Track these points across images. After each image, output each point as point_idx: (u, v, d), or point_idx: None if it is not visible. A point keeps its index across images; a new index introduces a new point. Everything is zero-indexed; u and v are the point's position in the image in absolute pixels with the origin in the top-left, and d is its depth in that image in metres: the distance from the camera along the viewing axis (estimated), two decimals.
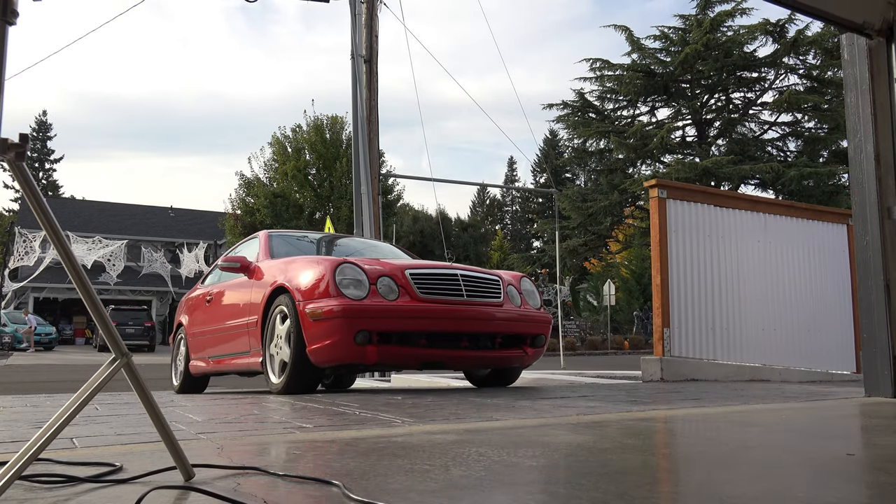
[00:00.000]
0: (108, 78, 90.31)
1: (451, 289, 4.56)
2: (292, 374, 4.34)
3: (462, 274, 4.68)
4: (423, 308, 4.38)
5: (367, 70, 10.63)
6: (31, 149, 49.55)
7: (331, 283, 4.23)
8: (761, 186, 28.92)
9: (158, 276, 36.31)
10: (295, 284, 4.42)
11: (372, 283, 4.33)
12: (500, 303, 4.75)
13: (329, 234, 6.42)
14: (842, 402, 3.89)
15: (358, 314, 4.17)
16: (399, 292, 4.38)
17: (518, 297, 4.97)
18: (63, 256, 1.44)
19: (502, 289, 4.83)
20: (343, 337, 4.15)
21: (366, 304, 4.23)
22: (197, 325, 5.98)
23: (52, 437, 1.37)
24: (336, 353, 4.20)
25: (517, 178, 63.17)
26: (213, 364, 5.62)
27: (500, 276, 4.97)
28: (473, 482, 1.57)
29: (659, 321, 5.95)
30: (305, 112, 36.59)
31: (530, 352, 4.92)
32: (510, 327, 4.74)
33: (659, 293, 5.98)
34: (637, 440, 2.26)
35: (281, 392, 4.40)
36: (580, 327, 26.95)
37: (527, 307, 4.96)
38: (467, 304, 4.56)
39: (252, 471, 1.67)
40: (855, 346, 6.91)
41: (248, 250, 5.68)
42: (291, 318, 4.36)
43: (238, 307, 5.18)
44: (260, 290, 4.84)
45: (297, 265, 4.64)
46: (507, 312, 4.74)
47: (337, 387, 6.31)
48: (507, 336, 4.76)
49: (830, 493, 1.47)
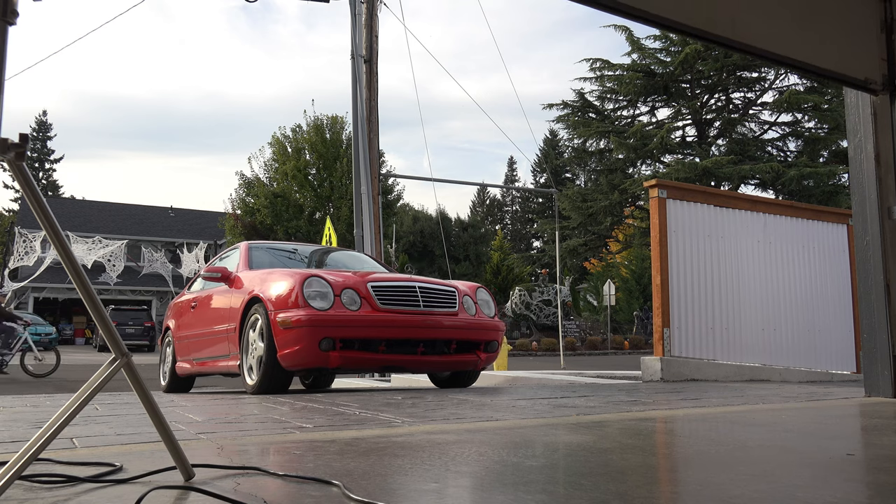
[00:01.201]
0: (108, 78, 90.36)
1: (409, 299, 4.97)
2: (264, 376, 4.73)
3: (420, 286, 5.09)
4: (383, 317, 4.79)
5: (367, 70, 10.64)
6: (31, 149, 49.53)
7: (299, 294, 4.65)
8: (761, 186, 28.92)
9: (158, 276, 36.31)
10: (268, 295, 4.83)
11: (336, 294, 4.74)
12: (455, 312, 5.17)
13: (307, 246, 6.90)
14: (842, 402, 3.89)
15: (322, 323, 4.57)
16: (361, 303, 4.79)
17: (473, 306, 5.37)
18: (63, 256, 1.44)
19: (458, 299, 5.25)
20: (309, 343, 4.56)
21: (330, 314, 4.64)
22: (183, 329, 6.35)
23: (52, 437, 1.37)
24: (302, 358, 4.60)
25: (517, 178, 63.21)
26: (197, 366, 5.99)
27: (457, 286, 5.38)
28: (473, 482, 1.58)
29: (659, 321, 5.95)
30: (305, 112, 36.65)
31: (483, 356, 5.30)
32: (464, 334, 5.14)
33: (659, 293, 5.98)
34: (637, 440, 2.26)
35: (255, 392, 4.75)
36: (580, 327, 26.93)
37: (481, 316, 5.37)
38: (424, 313, 4.98)
39: (252, 471, 1.67)
40: (855, 346, 6.91)
41: (229, 261, 6.09)
42: (264, 326, 4.75)
43: (219, 314, 5.58)
44: (238, 298, 5.24)
45: (271, 277, 5.04)
46: (461, 321, 5.15)
47: (316, 387, 6.54)
48: (461, 342, 5.15)
49: (830, 493, 1.47)
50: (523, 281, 33.21)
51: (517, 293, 27.86)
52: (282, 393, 4.75)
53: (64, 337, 34.79)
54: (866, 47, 3.87)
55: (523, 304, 27.38)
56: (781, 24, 3.51)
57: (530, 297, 27.48)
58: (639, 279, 29.65)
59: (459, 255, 46.78)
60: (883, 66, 3.89)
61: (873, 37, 3.91)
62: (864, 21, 3.88)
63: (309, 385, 6.50)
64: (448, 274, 22.14)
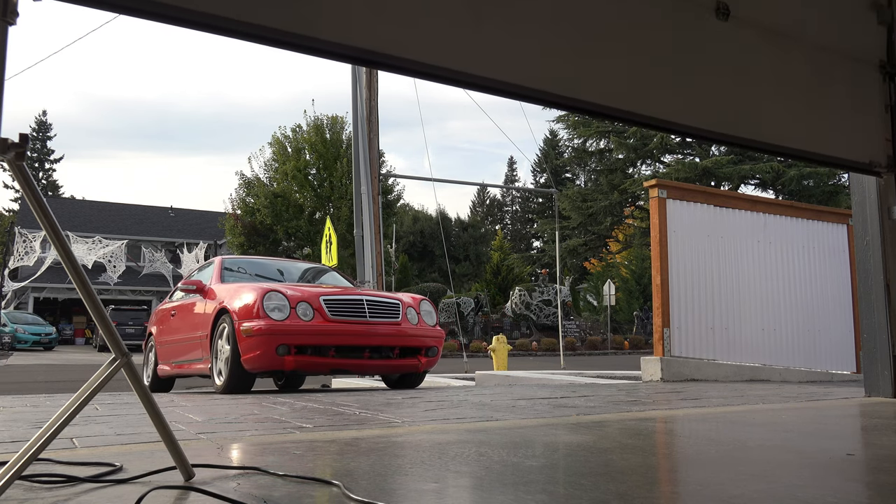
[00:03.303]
0: (108, 78, 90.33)
1: (356, 311, 5.63)
2: (230, 377, 5.35)
3: (366, 299, 5.75)
4: (332, 327, 5.45)
5: (367, 70, 10.63)
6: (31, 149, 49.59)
7: (260, 307, 5.28)
8: (761, 186, 28.92)
9: (158, 276, 36.31)
10: (234, 307, 5.46)
11: (293, 307, 5.38)
12: (399, 322, 5.82)
13: (277, 260, 7.63)
14: (842, 402, 3.89)
15: (279, 332, 5.22)
16: (314, 314, 5.44)
17: (416, 316, 5.99)
18: (63, 256, 1.44)
19: (401, 310, 5.87)
20: (267, 349, 5.19)
21: (286, 324, 5.28)
22: (163, 335, 7.03)
23: (52, 437, 1.37)
24: (262, 361, 5.24)
25: (517, 178, 63.15)
26: (175, 368, 6.62)
27: (401, 299, 6.02)
28: (473, 482, 1.58)
29: (659, 321, 5.95)
30: (305, 112, 36.62)
31: (424, 360, 5.93)
32: (405, 341, 5.78)
33: (659, 293, 5.98)
34: (637, 440, 2.26)
35: (223, 392, 5.35)
36: (580, 327, 26.94)
37: (423, 325, 5.99)
38: (369, 323, 5.64)
39: (252, 471, 1.67)
40: (855, 346, 6.91)
41: (204, 274, 6.80)
42: (230, 334, 5.38)
43: (194, 322, 6.23)
44: (210, 309, 5.88)
45: (237, 291, 5.66)
46: (403, 330, 5.80)
47: (288, 387, 6.97)
48: (404, 348, 5.78)
49: (830, 493, 1.47)
50: (523, 281, 33.20)
51: (517, 293, 27.87)
52: (245, 392, 5.26)
53: (64, 337, 34.75)
54: (871, 129, 3.78)
55: (523, 304, 27.38)
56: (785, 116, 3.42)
57: (530, 297, 27.49)
58: (639, 279, 29.65)
59: (459, 255, 46.78)
60: (888, 147, 3.81)
61: (878, 118, 3.81)
62: (867, 103, 3.78)
63: (281, 386, 7.01)
64: (448, 274, 22.13)
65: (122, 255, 32.57)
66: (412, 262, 37.18)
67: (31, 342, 27.15)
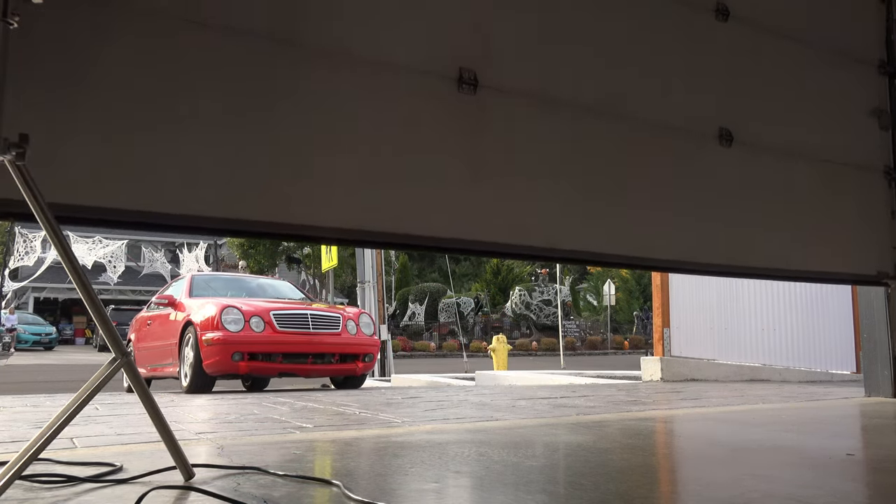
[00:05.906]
0: None
1: (301, 323, 6.57)
2: (193, 379, 6.20)
3: (311, 313, 6.71)
4: (280, 337, 6.40)
5: None
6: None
7: (218, 320, 6.16)
8: None
9: (159, 277, 36.26)
10: (197, 320, 6.33)
11: (247, 320, 6.27)
12: (339, 332, 6.78)
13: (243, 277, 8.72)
14: (842, 402, 3.89)
15: (234, 342, 6.13)
16: (265, 326, 6.36)
17: (355, 328, 6.92)
18: (63, 256, 1.44)
19: (341, 322, 6.83)
20: (224, 356, 6.08)
21: (240, 335, 6.19)
22: (141, 341, 7.96)
23: (52, 437, 1.37)
24: (220, 366, 6.12)
25: None
26: (150, 371, 7.45)
27: (342, 313, 7.00)
28: (473, 482, 1.58)
29: (659, 321, 5.95)
30: None
31: (361, 365, 6.86)
32: (344, 349, 6.74)
33: (659, 293, 5.98)
34: (637, 440, 2.26)
35: (187, 392, 6.07)
36: (580, 327, 26.96)
37: (361, 335, 6.93)
38: (312, 333, 6.58)
39: (252, 471, 1.67)
40: (855, 346, 6.90)
41: (176, 288, 7.75)
42: (193, 342, 6.26)
43: (166, 331, 7.13)
44: (179, 320, 6.78)
45: (202, 306, 6.51)
46: (342, 339, 6.76)
47: (256, 388, 7.51)
48: (343, 354, 6.73)
49: (830, 493, 1.47)
50: (523, 281, 33.19)
51: (517, 293, 27.87)
52: (207, 393, 5.90)
53: (64, 337, 34.76)
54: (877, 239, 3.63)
55: (523, 304, 27.40)
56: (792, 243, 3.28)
57: (530, 297, 27.50)
58: (639, 279, 29.65)
59: (459, 254, 46.79)
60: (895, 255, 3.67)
61: (885, 227, 3.65)
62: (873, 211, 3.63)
63: (248, 387, 7.59)
64: (448, 274, 22.13)
65: (121, 255, 32.56)
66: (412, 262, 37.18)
67: (32, 342, 27.15)
